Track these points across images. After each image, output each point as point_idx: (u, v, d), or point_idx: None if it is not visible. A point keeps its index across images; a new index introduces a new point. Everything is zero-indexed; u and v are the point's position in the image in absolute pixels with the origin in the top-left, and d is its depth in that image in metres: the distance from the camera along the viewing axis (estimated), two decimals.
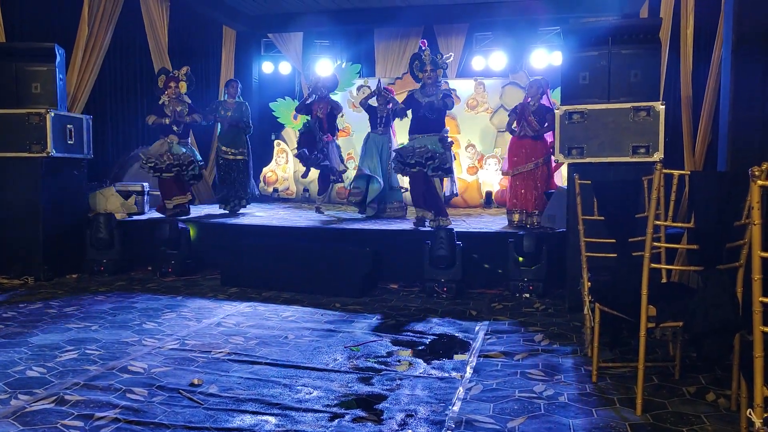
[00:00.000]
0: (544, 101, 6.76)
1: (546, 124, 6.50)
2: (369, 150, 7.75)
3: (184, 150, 7.30)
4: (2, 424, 2.73)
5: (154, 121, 7.29)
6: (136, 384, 3.26)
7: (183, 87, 7.38)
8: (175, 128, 7.29)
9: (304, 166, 8.11)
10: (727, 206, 2.68)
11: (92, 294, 5.51)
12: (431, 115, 6.66)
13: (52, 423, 2.76)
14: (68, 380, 3.30)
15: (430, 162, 6.48)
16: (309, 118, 7.97)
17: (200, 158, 7.63)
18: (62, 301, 5.19)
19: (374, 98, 7.77)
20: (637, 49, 4.82)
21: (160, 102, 7.38)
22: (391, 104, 7.73)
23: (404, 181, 7.82)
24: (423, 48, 6.84)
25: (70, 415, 2.85)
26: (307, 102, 7.98)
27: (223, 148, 7.77)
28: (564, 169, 7.05)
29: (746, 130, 4.45)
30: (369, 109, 7.81)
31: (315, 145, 7.76)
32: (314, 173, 8.21)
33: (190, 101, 7.47)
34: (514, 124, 6.77)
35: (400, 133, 8.48)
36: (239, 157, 7.77)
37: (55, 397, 3.05)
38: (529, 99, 6.73)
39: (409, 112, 6.96)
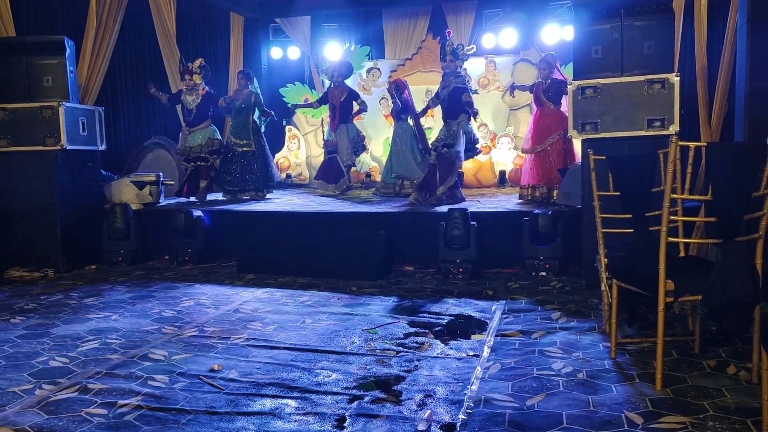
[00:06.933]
0: (556, 75, 6.74)
1: (563, 97, 6.58)
2: (393, 142, 8.20)
3: (196, 140, 7.60)
4: (28, 414, 2.78)
5: (154, 92, 7.72)
6: (157, 371, 3.30)
7: (197, 79, 7.58)
8: (188, 118, 7.64)
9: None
10: (745, 177, 2.64)
11: (111, 284, 5.57)
12: (450, 105, 6.88)
13: (77, 411, 2.81)
14: (91, 369, 3.35)
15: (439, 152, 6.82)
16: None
17: (218, 137, 7.87)
18: (82, 292, 5.25)
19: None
20: (650, 21, 4.73)
21: (177, 90, 7.77)
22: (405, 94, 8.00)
23: None
24: (447, 38, 6.90)
25: (93, 403, 2.90)
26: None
27: (233, 139, 7.98)
28: (578, 145, 7.02)
29: (763, 99, 4.38)
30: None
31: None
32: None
33: (208, 89, 7.73)
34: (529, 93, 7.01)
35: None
36: (245, 149, 7.87)
37: (79, 386, 3.10)
38: (540, 78, 6.75)
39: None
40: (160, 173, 7.74)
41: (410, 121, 8.14)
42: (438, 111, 7.50)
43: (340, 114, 8.15)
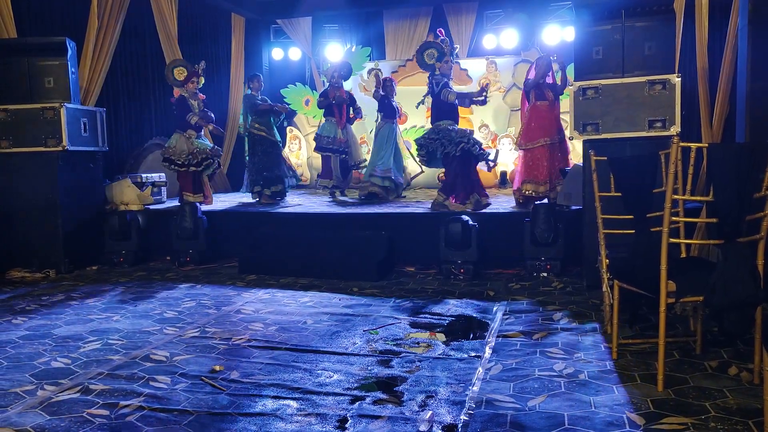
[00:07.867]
0: (549, 80, 6.66)
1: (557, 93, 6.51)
2: (382, 141, 7.94)
3: (203, 144, 7.43)
4: (30, 414, 2.78)
5: (197, 121, 7.37)
6: (158, 372, 3.30)
7: (201, 81, 7.53)
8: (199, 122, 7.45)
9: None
10: (746, 178, 2.64)
11: (113, 285, 5.57)
12: (460, 104, 6.81)
13: (79, 412, 2.81)
14: (92, 370, 3.35)
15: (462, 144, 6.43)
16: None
17: (215, 146, 7.76)
18: (83, 293, 5.26)
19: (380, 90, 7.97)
20: (651, 21, 4.74)
21: (178, 96, 7.49)
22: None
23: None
24: (443, 38, 6.85)
25: (95, 404, 2.90)
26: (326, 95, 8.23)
27: (256, 126, 7.83)
28: (579, 146, 6.99)
29: (764, 100, 4.38)
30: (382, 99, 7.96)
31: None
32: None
33: (204, 97, 7.64)
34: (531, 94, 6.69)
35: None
36: (269, 137, 7.83)
37: (81, 386, 3.10)
38: (538, 78, 6.62)
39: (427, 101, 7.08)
40: (162, 174, 7.75)
41: (398, 125, 8.16)
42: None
43: (347, 113, 8.23)
